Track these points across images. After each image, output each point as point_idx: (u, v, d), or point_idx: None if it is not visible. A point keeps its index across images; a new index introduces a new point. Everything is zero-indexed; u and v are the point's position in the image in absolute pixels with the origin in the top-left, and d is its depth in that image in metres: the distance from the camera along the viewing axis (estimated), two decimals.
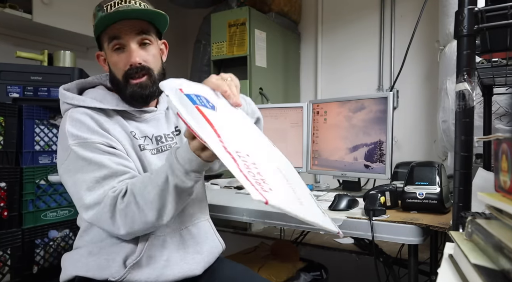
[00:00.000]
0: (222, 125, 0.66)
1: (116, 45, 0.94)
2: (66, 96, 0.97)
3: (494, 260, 0.42)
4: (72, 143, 0.89)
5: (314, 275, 1.65)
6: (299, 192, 0.68)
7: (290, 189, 0.66)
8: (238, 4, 2.67)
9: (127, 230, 0.86)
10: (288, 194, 0.63)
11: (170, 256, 0.96)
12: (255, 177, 0.56)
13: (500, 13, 0.67)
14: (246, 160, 0.60)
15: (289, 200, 0.61)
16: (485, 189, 0.58)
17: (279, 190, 0.59)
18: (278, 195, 0.56)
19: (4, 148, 1.52)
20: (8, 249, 1.50)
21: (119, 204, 0.85)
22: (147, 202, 0.83)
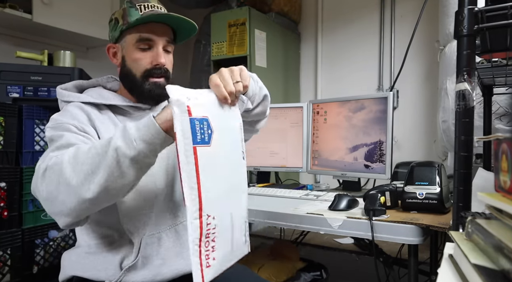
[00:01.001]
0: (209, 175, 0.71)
1: (144, 45, 0.96)
2: (63, 95, 0.99)
3: (494, 260, 0.42)
4: (49, 125, 0.90)
5: (314, 275, 1.65)
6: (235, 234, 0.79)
7: (229, 242, 0.77)
8: (238, 4, 2.67)
9: (47, 190, 0.76)
10: (225, 252, 0.76)
11: (166, 254, 0.95)
12: (207, 247, 0.70)
13: (500, 13, 0.67)
14: (210, 227, 0.70)
15: (224, 260, 0.75)
16: (485, 189, 0.58)
17: (218, 256, 0.73)
18: (214, 268, 0.72)
19: (4, 148, 1.52)
20: (8, 249, 1.50)
21: (53, 159, 0.77)
22: (78, 162, 0.74)
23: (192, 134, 0.69)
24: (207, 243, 0.70)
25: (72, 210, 0.76)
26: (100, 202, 0.76)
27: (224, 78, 0.79)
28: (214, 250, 0.71)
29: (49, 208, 0.79)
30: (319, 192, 1.51)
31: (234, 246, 0.79)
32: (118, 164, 0.72)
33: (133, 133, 0.72)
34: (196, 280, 0.67)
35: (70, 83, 1.04)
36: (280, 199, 1.44)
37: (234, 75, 0.81)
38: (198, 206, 0.68)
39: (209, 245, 0.70)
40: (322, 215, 1.11)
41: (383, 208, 1.08)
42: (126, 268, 0.90)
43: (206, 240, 0.70)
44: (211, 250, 0.71)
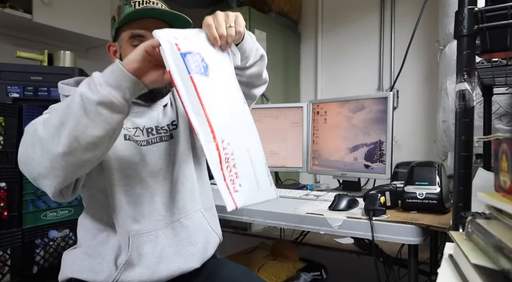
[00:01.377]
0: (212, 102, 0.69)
1: (137, 41, 0.95)
2: (64, 89, 0.99)
3: (494, 260, 0.42)
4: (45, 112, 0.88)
5: (314, 275, 1.65)
6: (257, 171, 0.75)
7: (253, 175, 0.73)
8: (238, 4, 2.67)
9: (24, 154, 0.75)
10: (251, 183, 0.72)
11: (163, 251, 0.95)
12: (231, 172, 0.67)
13: (500, 13, 0.67)
14: (227, 152, 0.67)
15: (252, 192, 0.71)
16: (485, 189, 0.58)
17: (245, 184, 0.69)
18: (244, 194, 0.68)
19: (4, 148, 1.52)
20: (8, 249, 1.50)
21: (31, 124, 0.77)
22: (50, 119, 0.73)
23: (186, 66, 0.68)
24: (229, 168, 0.67)
25: (50, 169, 0.72)
26: (76, 156, 0.71)
27: (217, 20, 0.77)
28: (238, 177, 0.68)
29: (30, 173, 0.76)
30: (319, 192, 1.51)
31: (260, 184, 0.74)
32: (84, 111, 0.69)
33: (97, 78, 0.70)
34: (228, 205, 0.65)
35: (72, 79, 1.04)
36: (280, 199, 1.44)
37: (228, 19, 0.79)
38: (210, 129, 0.66)
39: (231, 171, 0.67)
40: (322, 215, 1.11)
41: (383, 208, 1.08)
42: (122, 265, 0.90)
43: (227, 164, 0.67)
44: (235, 176, 0.68)
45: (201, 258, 1.01)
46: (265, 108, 1.87)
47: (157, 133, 1.01)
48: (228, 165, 0.67)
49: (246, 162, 0.72)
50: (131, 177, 0.94)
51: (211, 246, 1.06)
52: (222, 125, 0.69)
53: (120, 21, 0.96)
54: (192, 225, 1.02)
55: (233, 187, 0.67)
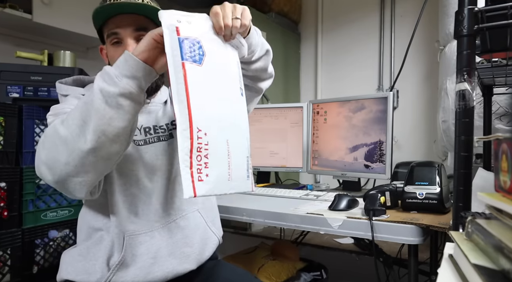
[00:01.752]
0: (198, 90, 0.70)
1: (114, 39, 0.94)
2: (61, 88, 1.00)
3: (494, 260, 0.42)
4: (49, 114, 0.90)
5: (314, 275, 1.65)
6: (233, 164, 0.76)
7: (226, 167, 0.74)
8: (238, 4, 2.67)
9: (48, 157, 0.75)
10: (221, 174, 0.73)
11: (158, 252, 0.94)
12: (200, 161, 0.68)
13: (500, 13, 0.67)
14: (201, 142, 0.69)
15: (219, 182, 0.72)
16: (485, 189, 0.58)
17: (212, 175, 0.70)
18: (208, 184, 0.69)
19: (4, 148, 1.52)
20: (8, 249, 1.50)
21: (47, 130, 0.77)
22: (69, 119, 0.74)
23: (180, 51, 0.69)
24: (199, 157, 0.69)
25: (80, 167, 0.73)
26: (104, 150, 0.73)
27: (224, 10, 0.78)
28: (207, 167, 0.69)
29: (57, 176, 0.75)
30: (319, 192, 1.51)
31: (233, 176, 0.76)
32: (107, 104, 0.71)
33: (112, 72, 0.72)
34: (186, 192, 0.65)
35: (70, 78, 1.04)
36: (280, 199, 1.44)
37: (236, 11, 0.79)
38: (188, 118, 0.68)
39: (201, 160, 0.69)
40: (322, 215, 1.11)
41: (383, 208, 1.08)
42: (114, 267, 0.90)
43: (198, 153, 0.68)
44: (204, 166, 0.69)
45: (197, 259, 1.00)
46: (265, 108, 1.87)
47: (155, 133, 1.00)
48: (199, 154, 0.68)
49: (221, 154, 0.73)
50: (127, 176, 0.94)
51: (209, 247, 1.05)
52: (203, 116, 0.70)
53: (94, 23, 0.96)
54: (188, 225, 1.01)
55: (198, 176, 0.67)
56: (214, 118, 0.73)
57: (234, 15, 0.78)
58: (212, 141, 0.71)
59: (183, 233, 0.99)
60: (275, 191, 1.55)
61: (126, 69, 0.72)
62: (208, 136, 0.70)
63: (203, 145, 0.69)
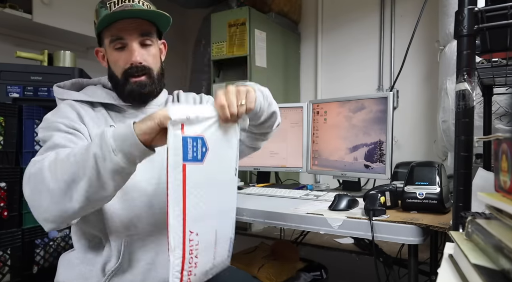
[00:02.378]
0: (195, 190, 0.71)
1: (117, 44, 0.94)
2: (58, 92, 1.00)
3: (494, 260, 0.42)
4: (40, 126, 0.91)
5: (314, 275, 1.65)
6: (218, 252, 0.79)
7: (211, 257, 0.78)
8: (238, 4, 2.67)
9: (31, 198, 0.77)
10: (205, 269, 0.76)
11: (155, 258, 0.93)
12: (190, 264, 0.71)
13: (500, 13, 0.67)
14: (193, 244, 0.71)
15: (202, 274, 0.76)
16: (485, 189, 0.58)
17: (198, 271, 0.73)
18: (195, 278, 0.73)
19: (4, 148, 1.52)
20: (8, 249, 1.50)
21: (35, 167, 0.77)
22: (58, 170, 0.74)
23: (183, 151, 0.68)
24: (191, 260, 0.71)
25: (57, 217, 0.76)
26: (83, 211, 0.76)
27: (229, 99, 0.77)
28: (196, 267, 0.72)
29: (35, 213, 0.79)
30: (319, 192, 1.51)
31: (216, 261, 0.79)
32: (98, 175, 0.72)
33: (110, 142, 0.71)
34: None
35: (68, 81, 1.04)
36: (280, 199, 1.44)
37: (240, 96, 0.78)
38: (182, 223, 0.68)
39: (191, 262, 0.71)
40: (322, 215, 1.11)
41: (383, 208, 1.08)
42: (110, 273, 0.89)
43: (190, 256, 0.70)
44: (194, 266, 0.72)
45: None
46: None
47: None
48: (191, 256, 0.71)
49: (209, 246, 0.76)
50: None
51: None
52: (196, 217, 0.71)
53: (97, 27, 0.96)
54: None
55: (187, 278, 0.71)
56: (207, 215, 0.74)
57: (239, 101, 0.78)
58: (202, 238, 0.73)
59: None
60: (275, 191, 1.55)
61: (126, 146, 0.71)
62: (199, 236, 0.72)
63: (194, 246, 0.71)
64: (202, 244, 0.73)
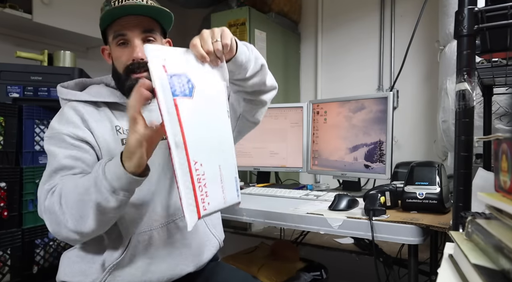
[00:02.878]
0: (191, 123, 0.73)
1: (120, 40, 0.95)
2: (61, 92, 1.00)
3: (494, 260, 0.42)
4: (46, 134, 0.93)
5: (314, 275, 1.65)
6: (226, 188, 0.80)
7: (221, 192, 0.78)
8: (238, 4, 2.67)
9: (54, 230, 0.84)
10: (218, 200, 0.77)
11: (155, 253, 0.94)
12: (202, 192, 0.72)
13: (500, 13, 0.67)
14: (199, 173, 0.72)
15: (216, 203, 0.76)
16: (485, 189, 0.58)
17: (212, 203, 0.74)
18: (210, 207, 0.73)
19: (4, 148, 1.52)
20: (8, 249, 1.50)
21: (47, 201, 0.84)
22: (68, 206, 0.81)
23: (171, 88, 0.71)
24: (200, 188, 0.72)
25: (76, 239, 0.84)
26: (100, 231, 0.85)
27: (203, 38, 0.79)
28: (207, 196, 0.73)
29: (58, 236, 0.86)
30: (319, 192, 1.51)
31: (226, 196, 0.80)
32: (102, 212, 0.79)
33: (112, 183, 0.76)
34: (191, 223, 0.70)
35: (72, 81, 1.04)
36: (280, 199, 1.44)
37: (214, 35, 0.80)
38: (185, 152, 0.70)
39: (202, 190, 0.72)
40: (322, 215, 1.11)
41: (383, 208, 1.08)
42: (110, 267, 0.90)
43: (199, 184, 0.71)
44: (205, 195, 0.72)
45: (195, 262, 1.00)
46: None
47: None
48: (200, 184, 0.72)
49: (216, 180, 0.77)
50: None
51: (208, 249, 1.04)
52: (198, 148, 0.73)
53: (100, 24, 0.96)
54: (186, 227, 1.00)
55: (203, 206, 0.71)
56: (207, 148, 0.76)
57: (213, 39, 0.79)
58: (207, 170, 0.74)
59: (182, 234, 0.99)
60: (275, 191, 1.55)
61: (125, 184, 0.76)
62: (203, 167, 0.73)
63: (201, 176, 0.72)
64: (208, 175, 0.73)
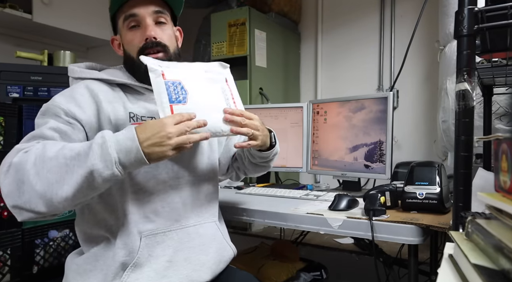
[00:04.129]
0: None
1: (131, 23, 0.93)
2: (74, 71, 0.96)
3: (494, 260, 0.42)
4: (44, 105, 0.89)
5: (314, 275, 1.65)
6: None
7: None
8: (238, 4, 2.67)
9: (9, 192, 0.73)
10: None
11: (174, 256, 0.90)
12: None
13: (500, 13, 0.67)
14: None
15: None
16: (485, 189, 0.58)
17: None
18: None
19: (4, 147, 1.52)
20: (8, 249, 1.50)
21: (17, 158, 0.74)
22: (44, 167, 0.72)
23: (168, 94, 0.81)
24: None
25: (36, 209, 0.73)
26: (66, 207, 0.75)
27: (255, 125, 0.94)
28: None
29: (10, 203, 0.74)
30: (319, 192, 1.51)
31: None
32: (89, 182, 0.72)
33: (114, 153, 0.72)
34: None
35: (83, 64, 1.01)
36: (280, 199, 1.44)
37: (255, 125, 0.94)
38: None
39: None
40: (322, 215, 1.11)
41: (383, 208, 1.08)
42: (128, 269, 0.85)
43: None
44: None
45: (212, 270, 0.97)
46: (265, 108, 1.87)
47: None
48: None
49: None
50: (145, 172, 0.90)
51: (225, 259, 1.02)
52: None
53: (111, 8, 0.94)
54: (206, 234, 0.99)
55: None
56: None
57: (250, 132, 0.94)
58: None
59: (201, 240, 0.96)
60: (275, 191, 1.55)
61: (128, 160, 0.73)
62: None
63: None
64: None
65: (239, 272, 1.08)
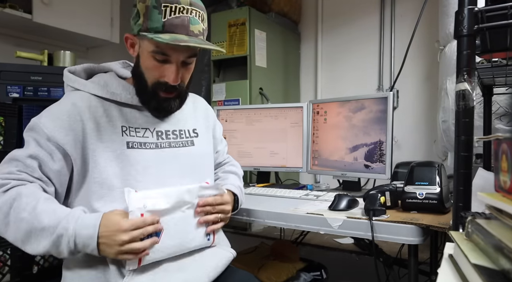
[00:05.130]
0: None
1: (160, 57, 0.88)
2: (69, 79, 0.95)
3: (494, 260, 0.42)
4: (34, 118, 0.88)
5: (314, 275, 1.65)
6: None
7: None
8: (238, 4, 2.67)
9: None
10: None
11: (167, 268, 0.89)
12: None
13: (500, 13, 0.67)
14: None
15: None
16: (485, 189, 0.58)
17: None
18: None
19: (4, 147, 1.52)
20: (8, 249, 1.50)
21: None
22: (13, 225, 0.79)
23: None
24: None
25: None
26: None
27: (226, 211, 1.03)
28: None
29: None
30: (319, 192, 1.51)
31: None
32: (49, 252, 0.79)
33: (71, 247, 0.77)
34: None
35: (80, 66, 0.98)
36: (280, 199, 1.44)
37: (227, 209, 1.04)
38: None
39: None
40: (322, 215, 1.11)
41: (383, 208, 1.08)
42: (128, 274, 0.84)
43: None
44: None
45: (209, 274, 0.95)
46: (265, 108, 1.87)
47: (166, 138, 0.97)
48: None
49: None
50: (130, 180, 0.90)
51: (223, 263, 1.00)
52: None
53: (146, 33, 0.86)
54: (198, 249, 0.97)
55: None
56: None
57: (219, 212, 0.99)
58: None
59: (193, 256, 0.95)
60: (275, 191, 1.55)
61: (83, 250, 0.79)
62: None
63: None
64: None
65: (239, 271, 1.08)
